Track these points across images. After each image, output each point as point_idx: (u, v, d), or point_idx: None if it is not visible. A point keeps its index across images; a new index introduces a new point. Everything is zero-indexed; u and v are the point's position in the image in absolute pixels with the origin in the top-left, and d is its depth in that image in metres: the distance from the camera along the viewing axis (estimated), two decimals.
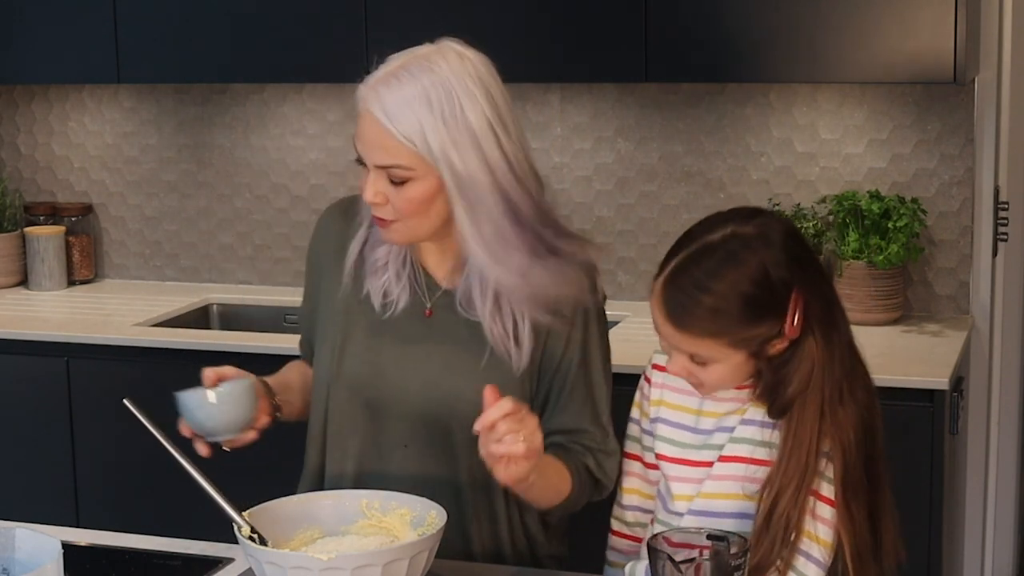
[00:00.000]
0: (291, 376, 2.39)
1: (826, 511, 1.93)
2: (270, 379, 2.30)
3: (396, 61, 2.09)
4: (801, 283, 1.93)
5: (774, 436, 1.96)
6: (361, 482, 2.19)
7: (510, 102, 2.14)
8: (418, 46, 2.12)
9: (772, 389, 1.96)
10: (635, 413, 2.16)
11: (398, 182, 2.06)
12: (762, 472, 1.96)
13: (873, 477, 1.96)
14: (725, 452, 1.99)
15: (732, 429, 1.99)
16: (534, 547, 2.23)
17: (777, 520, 1.90)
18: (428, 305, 2.20)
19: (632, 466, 2.17)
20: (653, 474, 2.12)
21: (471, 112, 2.05)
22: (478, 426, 1.89)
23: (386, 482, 2.13)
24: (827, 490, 1.93)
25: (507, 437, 1.89)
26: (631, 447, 2.17)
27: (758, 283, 1.90)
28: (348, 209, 2.29)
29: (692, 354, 1.94)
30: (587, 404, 2.19)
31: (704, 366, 1.95)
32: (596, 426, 2.19)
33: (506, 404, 1.89)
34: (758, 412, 1.98)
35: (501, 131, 2.08)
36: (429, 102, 2.03)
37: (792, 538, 1.91)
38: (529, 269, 2.11)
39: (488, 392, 1.90)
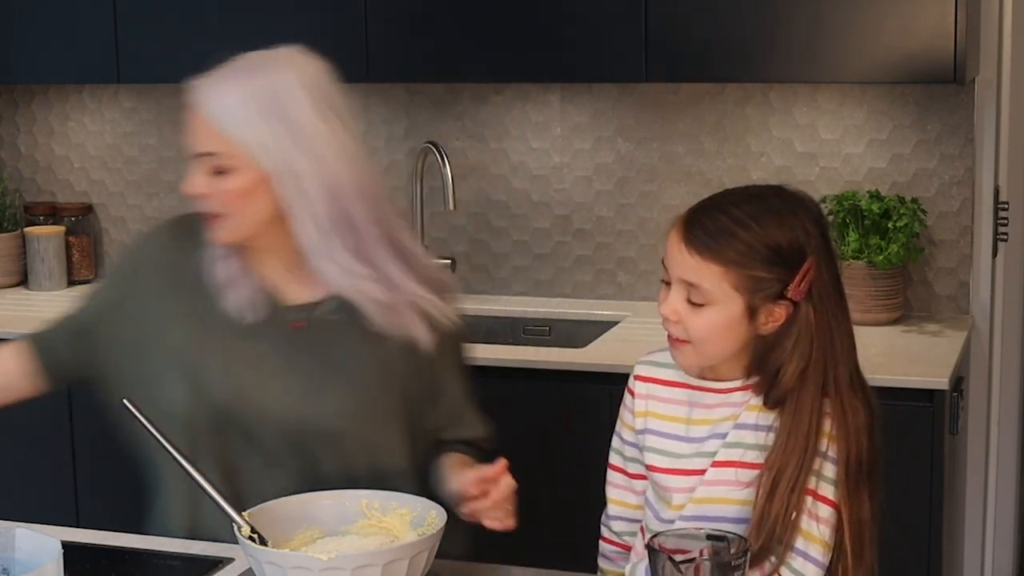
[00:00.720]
0: None
1: (825, 511, 1.92)
2: None
3: (231, 63, 2.15)
4: (819, 256, 1.93)
5: (768, 439, 1.95)
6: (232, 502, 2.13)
7: (348, 108, 2.16)
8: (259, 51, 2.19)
9: (769, 374, 1.94)
10: (617, 425, 2.15)
11: (218, 173, 2.11)
12: (756, 475, 1.95)
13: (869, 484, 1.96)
14: (719, 457, 1.97)
15: (725, 435, 1.98)
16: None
17: (779, 500, 1.89)
18: (299, 318, 2.19)
19: (615, 477, 2.15)
20: (639, 484, 2.11)
21: (296, 110, 2.09)
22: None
23: (254, 502, 2.09)
24: (826, 491, 1.93)
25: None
26: (613, 459, 2.15)
27: (787, 237, 1.91)
28: (177, 230, 2.28)
29: (691, 287, 1.91)
30: (473, 418, 2.30)
31: (698, 309, 1.92)
32: (484, 429, 2.31)
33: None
34: (751, 415, 1.97)
35: (335, 126, 2.12)
36: (252, 96, 2.09)
37: (793, 518, 1.90)
38: (354, 267, 2.14)
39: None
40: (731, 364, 1.99)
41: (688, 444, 2.01)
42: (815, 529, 1.91)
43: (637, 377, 2.09)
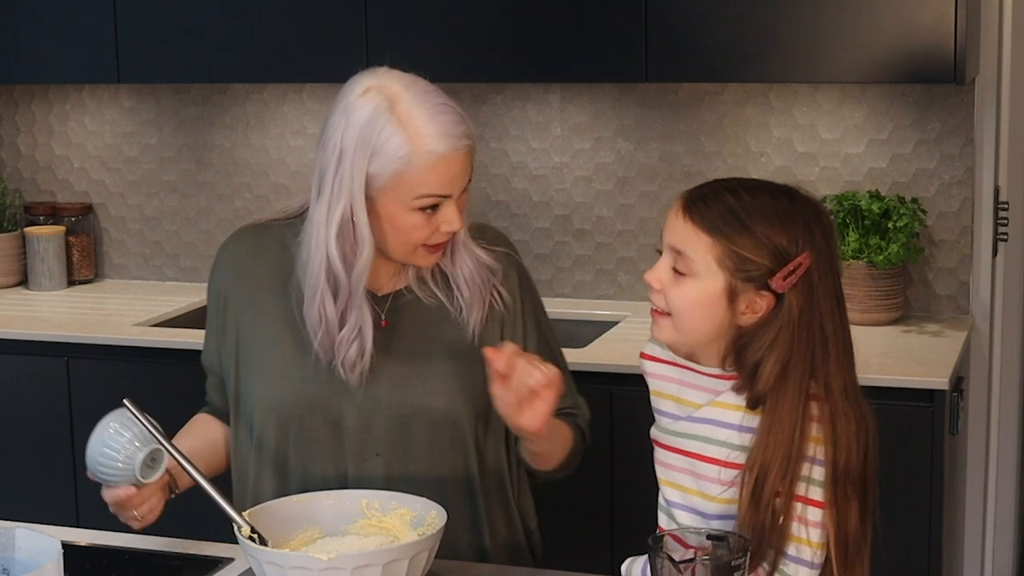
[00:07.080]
0: (194, 444, 2.28)
1: (815, 514, 1.89)
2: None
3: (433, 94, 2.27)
4: (818, 260, 1.89)
5: (731, 436, 1.91)
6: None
7: None
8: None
9: (747, 371, 1.89)
10: None
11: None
12: (707, 469, 1.92)
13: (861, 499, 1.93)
14: (688, 448, 1.95)
15: (697, 421, 1.95)
16: (530, 535, 2.29)
17: (765, 506, 1.84)
18: (382, 316, 2.21)
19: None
20: None
21: None
22: (499, 364, 1.96)
23: (364, 486, 2.15)
24: (815, 493, 1.89)
25: (532, 372, 1.97)
26: None
27: (786, 230, 1.88)
28: (259, 237, 2.28)
29: (678, 255, 1.88)
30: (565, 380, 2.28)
31: (680, 280, 1.89)
32: (573, 397, 2.31)
33: (511, 345, 2.01)
34: (712, 411, 1.94)
35: None
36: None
37: (782, 524, 1.87)
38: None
39: (488, 351, 1.99)
40: (708, 352, 1.94)
41: (671, 420, 1.98)
42: (804, 532, 1.88)
43: (643, 355, 2.07)
